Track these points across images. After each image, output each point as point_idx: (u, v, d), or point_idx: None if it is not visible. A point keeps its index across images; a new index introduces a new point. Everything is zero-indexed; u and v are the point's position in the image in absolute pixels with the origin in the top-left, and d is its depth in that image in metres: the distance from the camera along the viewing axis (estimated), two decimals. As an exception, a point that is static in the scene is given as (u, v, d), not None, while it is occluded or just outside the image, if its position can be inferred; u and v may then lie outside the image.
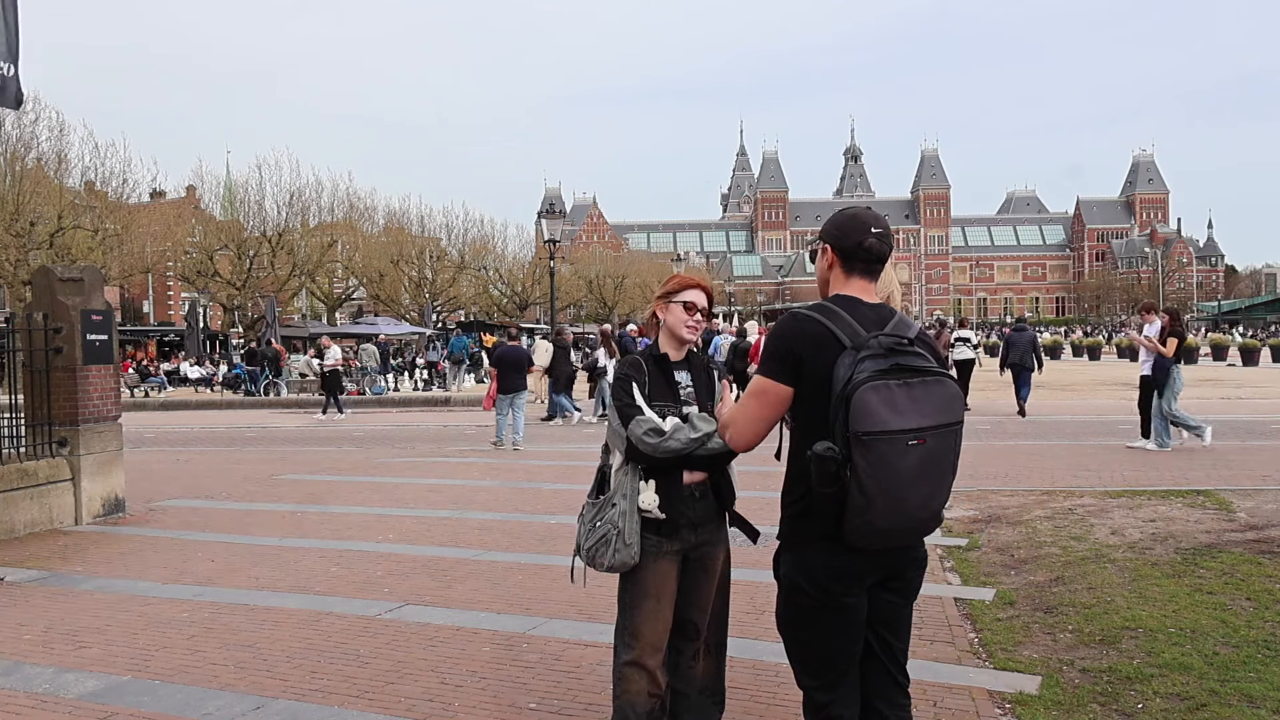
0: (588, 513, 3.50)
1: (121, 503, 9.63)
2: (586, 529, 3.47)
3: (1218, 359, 37.11)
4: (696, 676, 3.58)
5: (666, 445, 3.31)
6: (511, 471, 12.44)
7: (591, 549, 3.42)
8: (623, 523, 3.36)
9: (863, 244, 2.74)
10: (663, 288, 3.68)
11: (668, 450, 3.31)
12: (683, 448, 3.31)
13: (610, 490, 3.46)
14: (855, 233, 2.75)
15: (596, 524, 3.43)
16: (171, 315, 61.74)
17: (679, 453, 3.32)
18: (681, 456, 3.35)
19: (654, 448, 3.31)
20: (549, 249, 23.77)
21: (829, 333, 2.60)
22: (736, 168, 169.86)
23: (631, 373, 3.49)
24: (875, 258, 2.76)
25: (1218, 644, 4.96)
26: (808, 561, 2.66)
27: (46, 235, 34.00)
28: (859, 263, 2.75)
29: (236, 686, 4.72)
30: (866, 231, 2.74)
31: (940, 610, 5.72)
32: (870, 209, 2.88)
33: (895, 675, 2.79)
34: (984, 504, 8.98)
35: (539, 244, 58.01)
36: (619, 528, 3.36)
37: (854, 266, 2.75)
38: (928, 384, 2.55)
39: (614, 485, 3.44)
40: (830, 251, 2.79)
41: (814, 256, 2.92)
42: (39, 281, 9.62)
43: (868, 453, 2.44)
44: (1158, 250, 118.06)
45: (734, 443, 2.82)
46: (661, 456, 3.33)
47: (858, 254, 2.74)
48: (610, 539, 3.37)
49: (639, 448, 3.33)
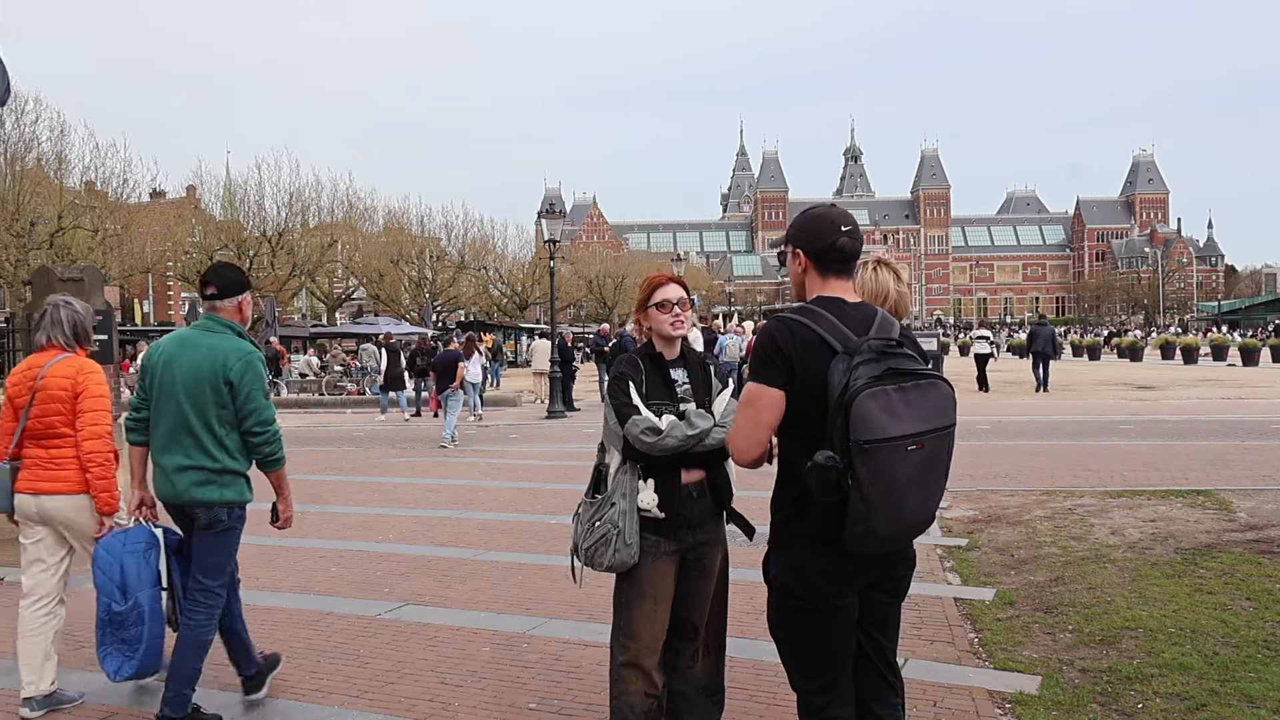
0: (585, 512, 3.48)
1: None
2: (585, 528, 3.45)
3: (1218, 359, 37.08)
4: (696, 676, 3.57)
5: (664, 444, 3.30)
6: (512, 471, 12.44)
7: (591, 548, 3.41)
8: (623, 522, 3.35)
9: (835, 244, 2.70)
10: (637, 299, 3.66)
11: (665, 448, 3.30)
12: (680, 444, 3.30)
13: (608, 489, 3.44)
14: (825, 234, 2.71)
15: (596, 523, 3.41)
16: (171, 315, 61.69)
17: (677, 450, 3.31)
18: (680, 454, 3.34)
19: (651, 446, 3.29)
20: (549, 249, 23.72)
21: (818, 337, 2.57)
22: (736, 168, 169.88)
23: (628, 371, 3.48)
24: (849, 257, 2.73)
25: (1218, 644, 4.96)
26: (799, 564, 2.64)
27: (46, 235, 33.96)
28: (834, 264, 2.71)
29: (237, 686, 4.72)
30: (837, 231, 2.70)
31: (940, 610, 5.72)
32: (836, 207, 2.82)
33: (886, 675, 2.79)
34: (984, 504, 8.98)
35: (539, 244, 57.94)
36: (619, 527, 3.35)
37: (829, 268, 2.72)
38: (922, 388, 2.54)
39: (612, 484, 3.43)
40: (803, 255, 2.74)
41: (783, 260, 2.88)
42: (39, 281, 9.61)
43: (870, 460, 2.42)
44: (1158, 250, 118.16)
45: (738, 457, 2.72)
46: (659, 455, 3.31)
47: (831, 255, 2.70)
48: (610, 538, 3.35)
49: (636, 446, 3.32)
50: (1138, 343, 45.15)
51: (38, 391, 4.38)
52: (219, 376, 4.09)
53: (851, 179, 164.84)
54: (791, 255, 2.79)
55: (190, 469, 4.10)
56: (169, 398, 4.13)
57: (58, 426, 4.39)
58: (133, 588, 4.15)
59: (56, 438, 4.40)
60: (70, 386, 4.38)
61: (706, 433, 3.33)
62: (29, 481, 4.42)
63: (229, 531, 4.20)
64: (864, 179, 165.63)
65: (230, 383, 4.09)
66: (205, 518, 4.14)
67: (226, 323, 4.26)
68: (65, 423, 4.39)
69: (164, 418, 4.15)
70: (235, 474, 4.17)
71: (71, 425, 4.39)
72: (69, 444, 4.40)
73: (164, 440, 4.16)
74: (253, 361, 4.16)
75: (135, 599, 4.13)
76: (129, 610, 4.13)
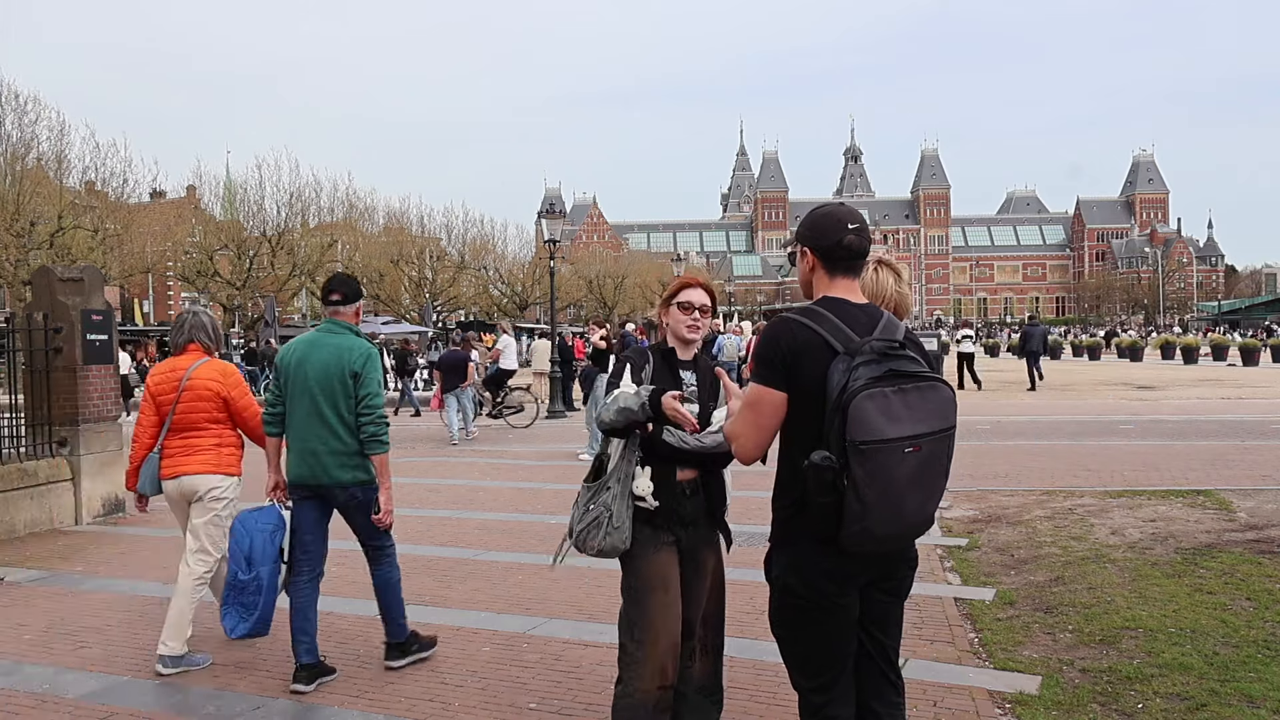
0: (582, 496, 3.53)
1: (122, 503, 9.63)
2: (580, 511, 3.50)
3: (1218, 359, 37.06)
4: (694, 676, 3.57)
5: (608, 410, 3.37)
6: (512, 471, 12.44)
7: (583, 531, 3.45)
8: (615, 505, 3.39)
9: (842, 242, 2.70)
10: (665, 293, 3.70)
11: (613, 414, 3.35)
12: (624, 405, 3.33)
13: (605, 475, 3.47)
14: (833, 231, 2.71)
15: (590, 506, 3.45)
16: (171, 315, 61.73)
17: (626, 413, 3.33)
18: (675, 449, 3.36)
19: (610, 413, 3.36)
20: (549, 249, 23.70)
21: (819, 337, 2.57)
22: (736, 168, 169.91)
23: (633, 358, 3.53)
24: (856, 254, 2.73)
25: (1218, 644, 4.96)
26: (800, 563, 2.64)
27: (46, 235, 33.95)
28: (841, 261, 2.72)
29: (237, 686, 4.73)
30: (844, 229, 2.70)
31: (940, 610, 5.72)
32: (844, 205, 2.83)
33: (888, 674, 2.79)
34: (984, 504, 8.98)
35: (539, 244, 57.92)
36: (611, 510, 3.38)
37: (836, 266, 2.72)
38: (922, 390, 2.54)
39: (610, 470, 3.46)
40: (810, 254, 2.75)
41: (794, 260, 2.88)
42: (39, 281, 9.61)
43: (866, 461, 2.42)
44: (1158, 250, 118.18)
45: (740, 456, 2.72)
46: (611, 421, 3.37)
47: (838, 253, 2.71)
48: (602, 521, 3.39)
49: (602, 416, 3.40)
50: (1138, 342, 45.16)
51: (184, 390, 5.09)
52: (345, 371, 4.67)
53: (851, 179, 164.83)
54: (800, 255, 2.79)
55: (325, 453, 4.65)
56: (303, 392, 4.71)
57: (200, 421, 5.12)
58: (257, 562, 4.72)
59: (196, 430, 5.12)
60: (217, 388, 5.12)
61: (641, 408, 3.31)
62: (170, 467, 5.12)
63: (364, 504, 4.74)
64: (864, 179, 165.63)
65: (355, 374, 4.68)
66: (343, 497, 4.71)
67: (347, 325, 4.88)
68: (208, 418, 5.12)
69: (299, 409, 4.72)
70: (363, 455, 4.70)
71: (212, 419, 5.13)
72: (205, 435, 5.12)
73: (300, 428, 4.72)
74: (372, 356, 4.78)
75: (258, 572, 4.72)
76: (251, 580, 4.73)
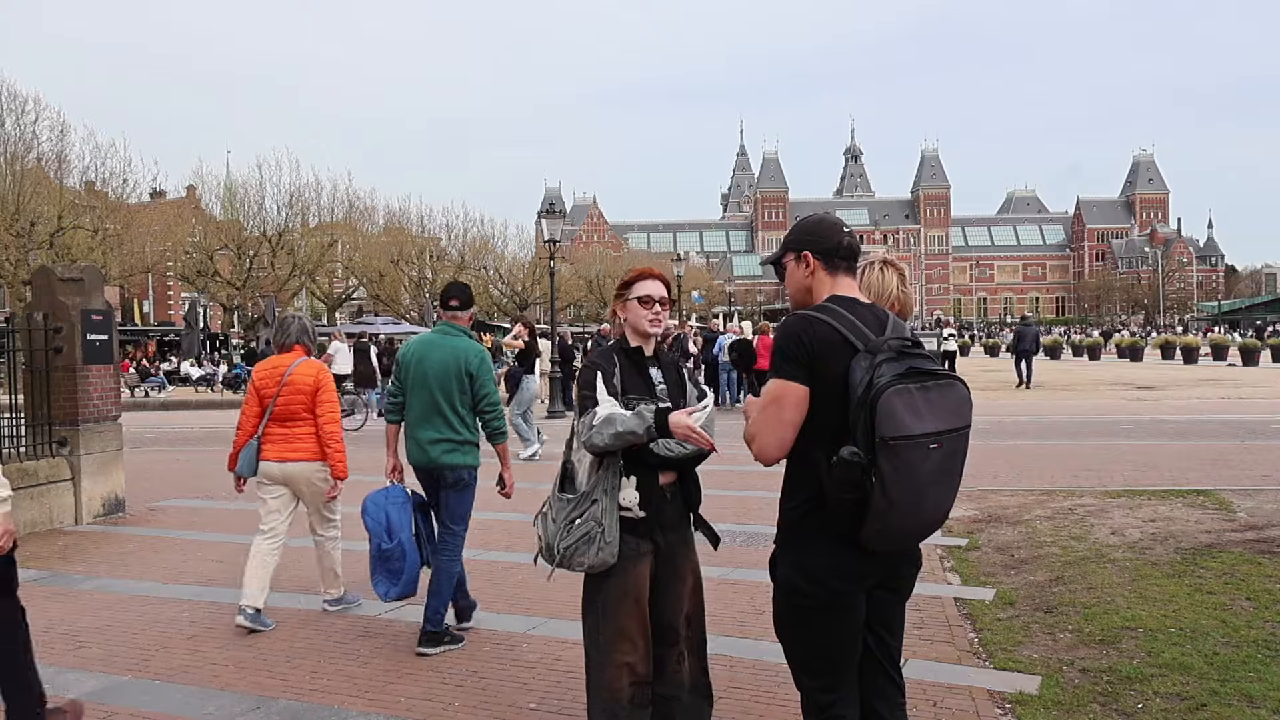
0: (557, 510, 3.34)
1: (121, 503, 9.63)
2: (561, 527, 3.30)
3: (1218, 359, 37.06)
4: (685, 679, 3.52)
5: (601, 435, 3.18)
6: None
7: (571, 548, 3.27)
8: (606, 520, 3.24)
9: (842, 243, 2.78)
10: (619, 283, 3.56)
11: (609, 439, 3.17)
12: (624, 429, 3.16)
13: (585, 486, 3.32)
14: (831, 233, 2.80)
15: (576, 521, 3.27)
16: (171, 315, 61.70)
17: (627, 437, 3.17)
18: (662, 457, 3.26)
19: (605, 438, 3.17)
20: (549, 249, 23.74)
21: (839, 334, 2.58)
22: (736, 168, 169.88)
23: (600, 363, 3.38)
24: (853, 255, 2.81)
25: (1218, 644, 4.96)
26: (809, 562, 2.63)
27: (46, 235, 33.98)
28: (841, 261, 2.77)
29: (237, 686, 4.72)
30: (841, 231, 2.81)
31: (940, 610, 5.73)
32: (829, 213, 2.98)
33: (891, 675, 2.79)
34: (984, 504, 8.98)
35: (539, 244, 57.92)
36: (602, 525, 3.24)
37: (837, 266, 2.77)
38: (942, 387, 2.56)
39: (590, 481, 3.31)
40: (811, 257, 2.78)
41: (781, 273, 2.88)
42: (39, 281, 9.61)
43: (894, 457, 2.42)
44: (1158, 250, 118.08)
45: (761, 456, 2.63)
46: (606, 446, 3.19)
47: (839, 253, 2.77)
48: (594, 537, 3.23)
49: (594, 440, 3.21)
50: (1138, 342, 45.15)
51: (285, 385, 5.79)
52: (462, 370, 5.20)
53: (851, 179, 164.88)
54: (796, 260, 2.80)
55: (440, 441, 5.20)
56: (422, 387, 5.22)
57: (299, 412, 5.82)
58: (396, 529, 5.14)
59: (296, 420, 5.83)
60: (312, 383, 5.82)
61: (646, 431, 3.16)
62: (275, 452, 5.84)
63: (469, 487, 5.32)
64: (864, 179, 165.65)
65: (471, 374, 5.21)
66: (451, 477, 5.24)
67: (461, 328, 5.38)
68: (305, 409, 5.82)
69: (418, 402, 5.24)
70: (472, 444, 5.30)
71: (309, 411, 5.83)
72: (305, 424, 5.84)
73: (418, 419, 5.24)
74: (485, 358, 5.30)
75: (399, 539, 5.13)
76: (394, 548, 5.13)
